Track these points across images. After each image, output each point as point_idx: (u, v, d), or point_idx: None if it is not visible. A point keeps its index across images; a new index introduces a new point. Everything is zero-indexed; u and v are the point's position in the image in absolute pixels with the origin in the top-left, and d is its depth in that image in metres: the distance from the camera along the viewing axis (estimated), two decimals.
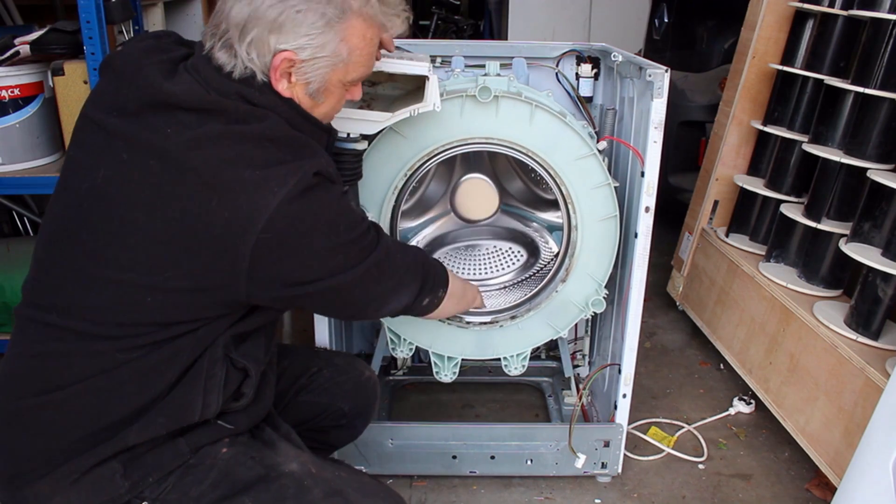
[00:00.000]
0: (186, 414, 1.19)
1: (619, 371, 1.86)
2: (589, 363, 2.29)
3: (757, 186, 2.44)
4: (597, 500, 1.96)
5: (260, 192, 1.08)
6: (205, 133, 1.10)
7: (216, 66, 1.17)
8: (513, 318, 1.84)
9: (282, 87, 1.18)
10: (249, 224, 1.07)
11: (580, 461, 1.91)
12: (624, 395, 1.88)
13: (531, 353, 1.93)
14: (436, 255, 2.06)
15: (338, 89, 1.25)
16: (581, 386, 2.18)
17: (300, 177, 1.10)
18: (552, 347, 2.38)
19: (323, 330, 1.84)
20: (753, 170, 2.55)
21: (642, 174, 1.69)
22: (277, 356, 1.54)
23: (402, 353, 1.86)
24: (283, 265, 1.13)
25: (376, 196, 1.71)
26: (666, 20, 3.87)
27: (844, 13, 2.15)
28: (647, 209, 1.71)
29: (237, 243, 1.08)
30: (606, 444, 1.92)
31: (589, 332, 2.26)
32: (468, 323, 1.83)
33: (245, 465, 1.24)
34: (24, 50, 2.19)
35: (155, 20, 2.96)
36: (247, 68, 1.16)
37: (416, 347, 1.87)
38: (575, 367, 2.26)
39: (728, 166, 2.63)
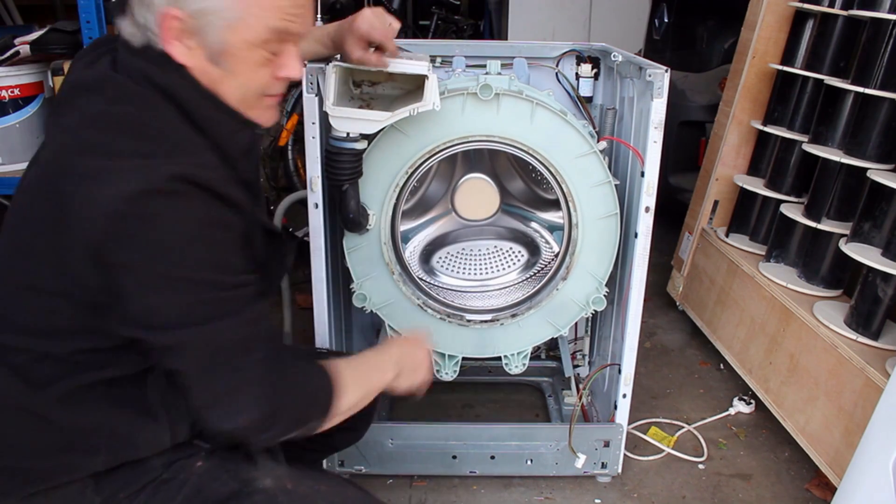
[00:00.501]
0: (156, 445, 1.16)
1: (619, 371, 1.86)
2: (589, 363, 2.29)
3: (757, 186, 2.44)
4: (597, 500, 1.96)
5: (103, 184, 0.96)
6: (80, 117, 1.02)
7: (125, 43, 1.07)
8: (513, 316, 1.84)
9: (177, 52, 1.04)
10: (86, 220, 0.96)
11: (580, 461, 1.91)
12: (624, 395, 1.88)
13: (531, 353, 1.93)
14: (436, 255, 2.07)
15: (248, 54, 1.06)
16: (581, 386, 2.18)
17: (147, 175, 0.95)
18: (552, 347, 2.38)
19: (323, 330, 1.84)
20: (753, 170, 2.56)
21: (642, 174, 1.69)
22: None
23: None
24: (115, 274, 0.98)
25: (377, 194, 1.71)
26: (666, 20, 3.87)
27: (844, 13, 2.15)
28: (647, 209, 1.71)
29: (81, 235, 0.97)
30: (606, 444, 1.92)
31: (589, 332, 2.26)
32: (469, 321, 1.84)
33: (219, 479, 1.18)
34: (24, 50, 2.20)
35: None
36: (147, 33, 1.04)
37: None
38: (575, 366, 2.26)
39: (728, 166, 2.63)
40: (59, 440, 1.12)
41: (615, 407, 1.91)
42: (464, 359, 1.90)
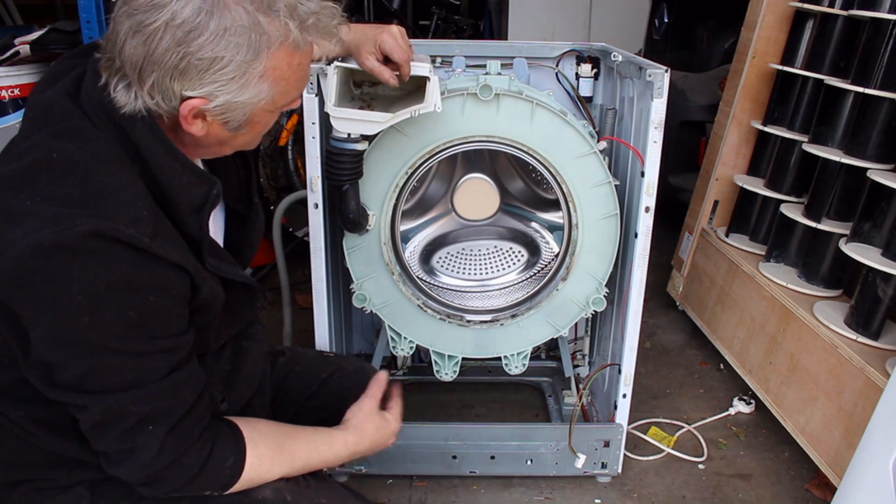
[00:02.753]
0: None
1: (619, 371, 1.86)
2: (589, 363, 2.29)
3: (757, 186, 2.44)
4: (597, 500, 1.96)
5: (16, 226, 0.91)
6: (25, 148, 0.98)
7: (94, 67, 1.01)
8: (513, 316, 1.84)
9: (196, 129, 1.02)
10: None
11: (580, 461, 1.91)
12: (624, 395, 1.88)
13: (531, 353, 1.93)
14: (436, 256, 2.07)
15: (266, 116, 1.08)
16: (581, 386, 2.18)
17: (63, 228, 0.90)
18: (552, 347, 2.38)
19: (323, 330, 1.84)
20: (753, 170, 2.56)
21: (642, 174, 1.69)
22: (289, 361, 1.52)
23: (403, 351, 1.86)
24: (16, 322, 0.94)
25: (377, 194, 1.71)
26: (666, 20, 3.87)
27: (844, 13, 2.15)
28: (647, 209, 1.71)
29: None
30: (606, 444, 1.92)
31: (589, 332, 2.26)
32: (469, 321, 1.84)
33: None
34: (24, 50, 2.20)
35: None
36: (152, 111, 0.99)
37: (417, 346, 1.87)
38: (575, 367, 2.27)
39: (728, 166, 2.63)
40: (51, 456, 1.11)
41: (615, 407, 1.91)
42: (464, 359, 1.90)
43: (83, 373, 0.96)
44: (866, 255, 1.87)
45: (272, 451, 1.17)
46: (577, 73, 1.96)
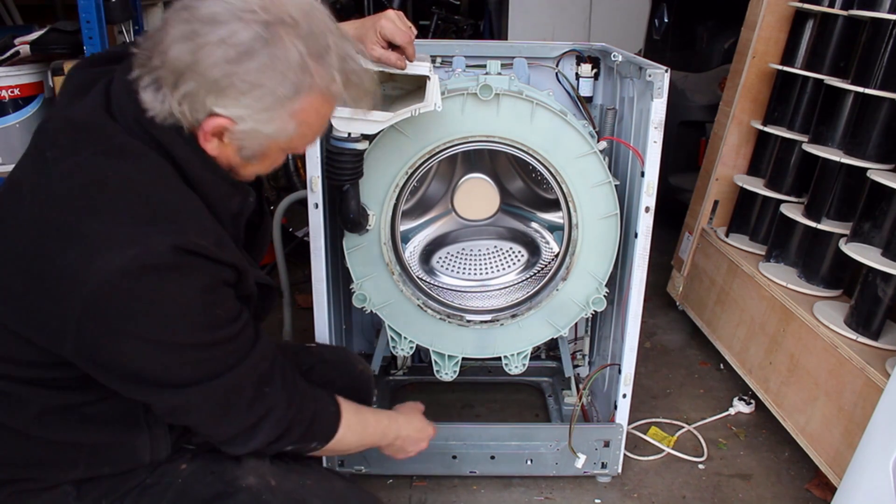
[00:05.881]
0: (135, 460, 1.16)
1: (619, 371, 1.86)
2: (589, 363, 2.29)
3: (757, 186, 2.44)
4: (597, 500, 1.96)
5: (93, 253, 0.93)
6: (75, 168, 0.98)
7: (134, 98, 1.01)
8: (513, 316, 1.84)
9: (210, 147, 1.03)
10: (77, 284, 0.93)
11: (580, 461, 1.91)
12: (624, 395, 1.88)
13: (531, 353, 1.93)
14: (436, 256, 2.07)
15: (278, 154, 1.10)
16: (581, 386, 2.18)
17: (143, 249, 0.94)
18: (552, 347, 2.38)
19: (323, 330, 1.84)
20: (753, 170, 2.56)
21: (642, 174, 1.69)
22: None
23: (403, 351, 1.86)
24: (106, 342, 0.98)
25: (377, 194, 1.71)
26: (666, 20, 3.87)
27: (844, 13, 2.15)
28: (647, 209, 1.71)
29: (67, 297, 0.94)
30: (606, 444, 1.92)
31: (589, 332, 2.26)
32: (469, 321, 1.84)
33: (203, 481, 1.19)
34: (24, 50, 2.20)
35: (155, 20, 2.96)
36: (173, 117, 1.00)
37: (417, 346, 1.87)
38: (575, 366, 2.26)
39: (728, 166, 2.63)
40: (38, 455, 1.11)
41: (615, 407, 1.91)
42: (464, 359, 1.90)
43: (193, 368, 1.02)
44: (866, 255, 1.87)
45: (352, 412, 1.29)
46: (577, 73, 1.96)
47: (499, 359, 1.89)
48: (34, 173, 1.02)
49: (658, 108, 1.64)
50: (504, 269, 2.06)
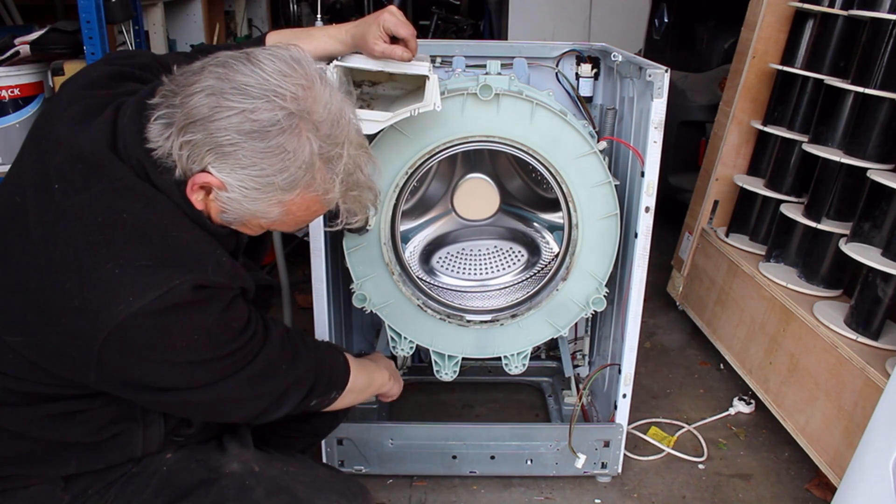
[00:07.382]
0: (125, 455, 1.18)
1: (619, 371, 1.86)
2: (589, 363, 2.29)
3: (757, 186, 2.44)
4: (597, 500, 1.96)
5: (113, 296, 0.96)
6: (88, 205, 0.99)
7: (140, 128, 1.02)
8: (513, 316, 1.84)
9: (194, 198, 1.04)
10: (97, 324, 0.96)
11: (580, 461, 1.91)
12: (624, 395, 1.88)
13: (531, 353, 1.93)
14: (436, 256, 2.07)
15: (258, 227, 1.12)
16: (581, 386, 2.18)
17: (165, 291, 0.97)
18: (552, 347, 2.38)
19: (323, 330, 1.84)
20: (753, 170, 2.56)
21: (642, 174, 1.69)
22: None
23: (403, 351, 1.86)
24: (133, 370, 1.01)
25: None
26: (666, 20, 3.87)
27: (844, 13, 2.15)
28: (647, 209, 1.71)
29: (86, 335, 0.97)
30: (606, 444, 1.92)
31: (589, 332, 2.26)
32: (469, 321, 1.84)
33: (188, 469, 1.22)
34: (24, 50, 2.20)
35: (155, 20, 2.96)
36: (171, 158, 1.00)
37: (417, 346, 1.87)
38: (575, 367, 2.26)
39: (728, 166, 2.63)
40: (32, 453, 1.12)
41: (615, 407, 1.91)
42: (464, 359, 1.90)
43: (222, 370, 1.07)
44: (866, 255, 1.87)
45: (354, 363, 1.36)
46: (577, 73, 1.96)
47: (499, 359, 1.89)
48: (40, 203, 1.01)
49: (658, 108, 1.64)
50: (504, 269, 2.06)
